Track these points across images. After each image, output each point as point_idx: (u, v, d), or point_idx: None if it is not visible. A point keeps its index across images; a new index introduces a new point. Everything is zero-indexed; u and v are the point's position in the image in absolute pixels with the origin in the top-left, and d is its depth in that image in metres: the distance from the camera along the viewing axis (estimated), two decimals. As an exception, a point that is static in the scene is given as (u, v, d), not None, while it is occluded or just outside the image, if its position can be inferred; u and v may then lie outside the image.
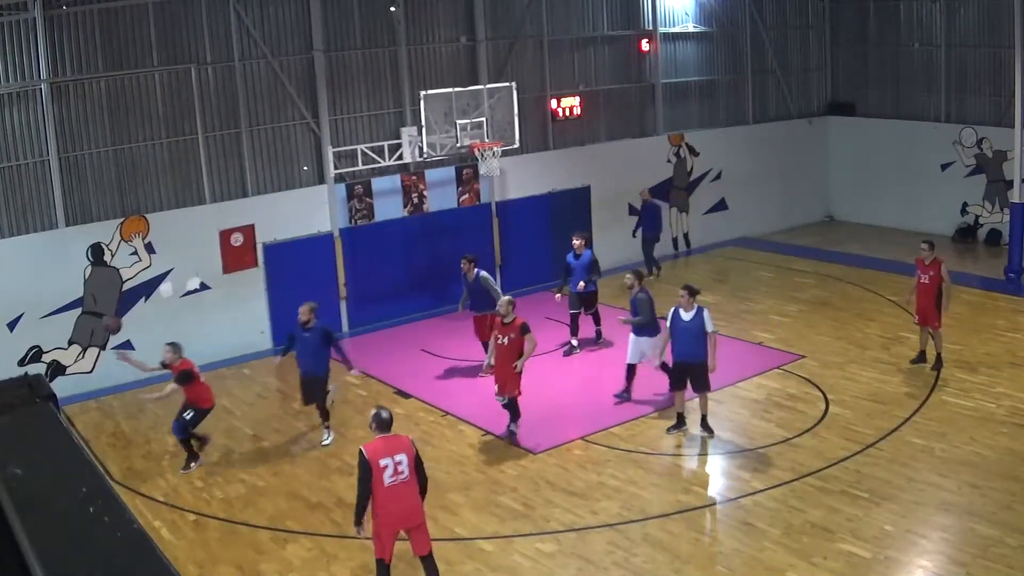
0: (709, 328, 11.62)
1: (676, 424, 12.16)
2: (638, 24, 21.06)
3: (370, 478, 8.03)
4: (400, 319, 17.93)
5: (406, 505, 8.20)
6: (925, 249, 13.77)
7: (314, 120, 17.14)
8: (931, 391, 13.04)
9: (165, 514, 10.91)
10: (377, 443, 8.21)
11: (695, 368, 11.69)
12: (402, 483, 8.11)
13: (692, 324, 11.65)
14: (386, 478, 8.04)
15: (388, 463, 8.06)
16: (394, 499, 8.10)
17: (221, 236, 16.28)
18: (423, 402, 13.89)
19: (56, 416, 2.74)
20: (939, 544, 9.28)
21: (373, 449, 8.13)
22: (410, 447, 8.24)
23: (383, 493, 8.08)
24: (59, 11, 14.59)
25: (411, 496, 8.22)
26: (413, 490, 8.23)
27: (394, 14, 17.56)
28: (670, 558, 9.33)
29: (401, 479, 8.10)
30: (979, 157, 21.24)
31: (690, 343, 11.65)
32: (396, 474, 8.07)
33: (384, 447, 8.14)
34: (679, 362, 11.87)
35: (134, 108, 15.52)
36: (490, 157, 16.88)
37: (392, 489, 8.07)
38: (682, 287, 11.98)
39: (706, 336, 11.61)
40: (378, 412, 8.41)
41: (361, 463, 8.10)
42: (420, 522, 8.38)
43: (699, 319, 11.64)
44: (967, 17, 21.29)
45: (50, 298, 14.76)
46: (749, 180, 22.67)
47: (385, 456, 8.07)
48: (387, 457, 8.07)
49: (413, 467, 8.18)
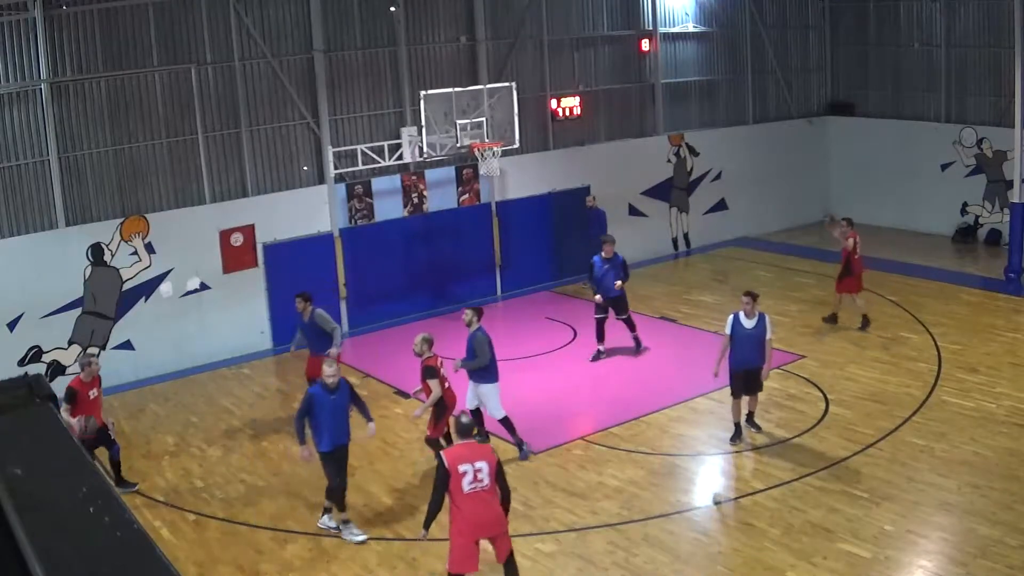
0: (769, 335, 11.50)
1: (735, 434, 11.77)
2: (638, 24, 21.06)
3: (447, 484, 7.98)
4: (400, 319, 17.93)
5: (486, 513, 8.09)
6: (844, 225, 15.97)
7: (314, 120, 17.14)
8: (931, 391, 13.04)
9: (165, 514, 10.91)
10: (458, 449, 8.25)
11: (755, 374, 11.57)
12: (482, 491, 8.02)
13: (756, 331, 11.44)
14: (465, 485, 7.97)
15: (468, 469, 7.99)
16: (473, 506, 8.00)
17: (221, 236, 16.28)
18: (423, 402, 13.85)
19: (56, 416, 2.74)
20: (939, 544, 9.27)
21: (453, 455, 8.11)
22: (491, 455, 8.20)
23: (462, 500, 8.00)
24: (59, 11, 14.59)
25: (492, 504, 8.13)
26: (494, 498, 8.14)
27: (394, 14, 17.56)
28: (670, 558, 9.33)
29: (481, 487, 8.01)
30: (979, 157, 21.23)
31: (753, 350, 11.45)
32: (475, 481, 7.99)
33: (465, 453, 8.11)
34: (741, 370, 11.56)
35: (134, 108, 15.53)
36: (490, 157, 16.88)
37: (471, 496, 7.99)
38: (744, 293, 11.71)
39: (765, 342, 11.47)
40: (458, 418, 8.55)
41: (439, 468, 8.04)
42: (501, 531, 8.26)
43: (762, 326, 11.46)
44: (967, 17, 21.29)
45: (50, 298, 14.77)
46: (749, 180, 22.67)
47: (465, 463, 8.00)
48: (467, 464, 8.00)
49: (494, 475, 8.09)
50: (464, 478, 7.95)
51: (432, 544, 9.84)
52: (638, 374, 14.63)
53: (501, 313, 18.26)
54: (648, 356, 15.40)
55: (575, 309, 18.01)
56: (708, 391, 13.29)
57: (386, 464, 11.99)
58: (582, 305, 18.53)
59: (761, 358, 11.50)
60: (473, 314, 11.85)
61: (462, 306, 14.29)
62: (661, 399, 13.30)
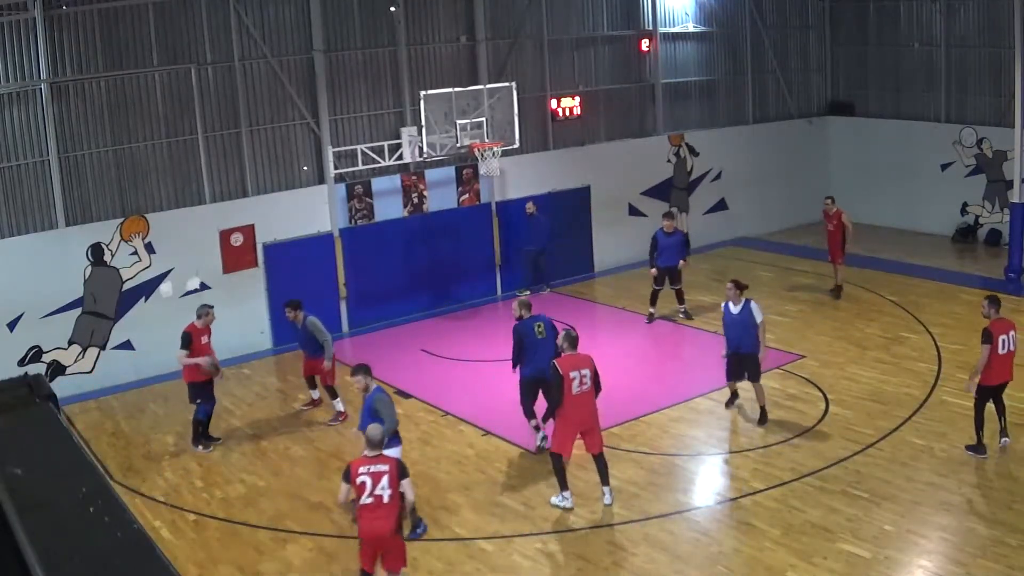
0: (758, 319, 12.09)
1: (731, 399, 12.77)
2: (638, 24, 21.06)
3: (562, 387, 9.75)
4: (400, 319, 17.93)
5: (587, 411, 9.97)
6: (828, 203, 17.36)
7: (314, 120, 17.14)
8: (931, 391, 13.04)
9: (165, 514, 10.91)
10: (567, 359, 9.91)
11: (748, 359, 12.14)
12: (585, 392, 9.86)
13: (741, 317, 12.16)
14: (574, 388, 9.78)
15: (576, 376, 9.78)
16: (579, 406, 9.84)
17: (221, 236, 16.28)
18: (423, 402, 13.89)
19: (56, 416, 2.74)
20: (939, 544, 9.28)
21: (564, 363, 9.84)
22: (591, 363, 9.95)
23: (570, 401, 9.79)
24: (59, 11, 14.59)
25: (591, 403, 9.98)
26: (592, 399, 9.98)
27: (394, 14, 17.56)
28: (670, 558, 9.33)
29: (584, 389, 9.84)
30: (979, 157, 21.23)
31: (741, 335, 12.17)
32: (581, 385, 9.80)
33: (573, 362, 9.88)
34: (733, 353, 12.36)
35: (134, 108, 15.52)
36: (490, 157, 16.89)
37: (578, 397, 9.81)
38: (729, 281, 12.56)
39: (755, 327, 12.05)
40: (568, 332, 10.18)
41: (555, 375, 9.82)
42: (596, 424, 10.09)
43: (747, 311, 12.13)
44: (967, 17, 21.29)
45: (50, 298, 14.76)
46: (749, 180, 22.67)
47: (574, 370, 9.79)
48: (575, 371, 9.80)
49: (593, 380, 9.91)
50: (573, 383, 9.73)
51: (432, 544, 9.87)
52: (638, 374, 14.63)
53: (501, 313, 18.26)
54: (648, 356, 15.40)
55: (575, 309, 18.02)
56: (708, 391, 13.31)
57: (386, 464, 11.97)
58: (582, 305, 18.56)
59: (752, 343, 12.06)
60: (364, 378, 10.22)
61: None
62: (661, 399, 13.30)
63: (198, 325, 12.59)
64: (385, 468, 8.06)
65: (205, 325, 12.65)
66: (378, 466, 8.06)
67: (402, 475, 8.11)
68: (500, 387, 14.33)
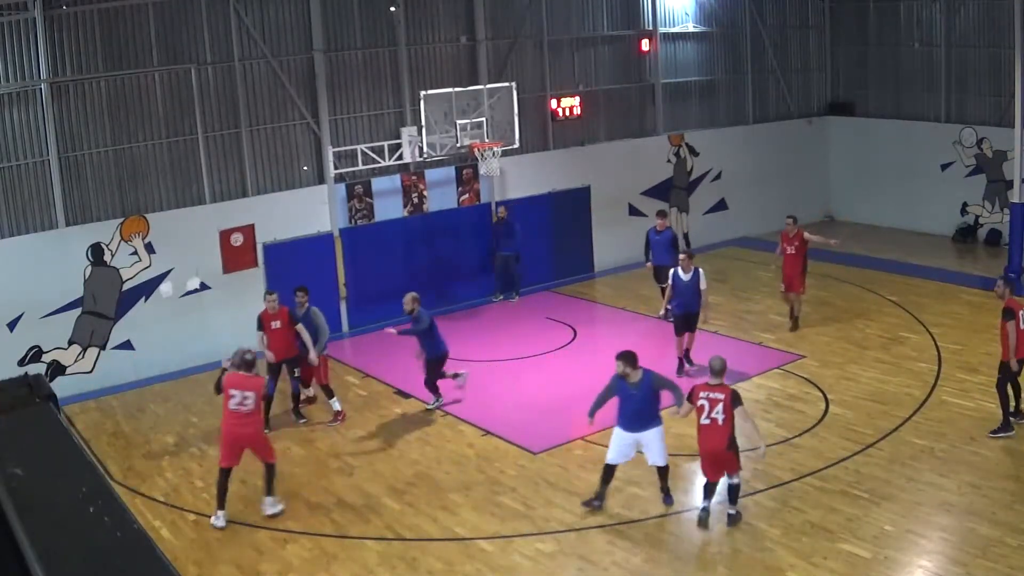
0: (703, 285, 13.97)
1: (679, 367, 14.06)
2: (638, 24, 21.06)
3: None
4: (400, 319, 17.89)
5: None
6: (790, 223, 15.97)
7: (314, 120, 17.14)
8: (931, 391, 13.04)
9: (165, 514, 10.90)
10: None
11: (693, 316, 14.08)
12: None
13: (691, 282, 13.99)
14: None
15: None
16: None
17: (221, 236, 16.28)
18: (423, 402, 13.88)
19: (56, 416, 2.74)
20: (939, 544, 9.28)
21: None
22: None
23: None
24: (59, 11, 14.59)
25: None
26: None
27: (394, 14, 17.56)
28: (670, 558, 9.33)
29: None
30: (979, 157, 21.23)
31: (690, 298, 14.00)
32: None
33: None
34: (682, 313, 14.08)
35: (134, 108, 15.52)
36: (490, 157, 16.89)
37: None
38: (681, 251, 14.70)
39: (700, 292, 13.93)
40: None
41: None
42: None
43: (696, 278, 13.98)
44: (967, 17, 21.29)
45: (50, 298, 14.76)
46: (749, 180, 22.67)
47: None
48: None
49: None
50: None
51: (432, 544, 9.87)
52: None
53: (501, 313, 18.27)
54: (648, 356, 15.34)
55: (575, 309, 18.02)
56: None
57: (386, 464, 11.98)
58: (582, 305, 18.56)
59: (698, 304, 14.01)
60: (624, 364, 10.43)
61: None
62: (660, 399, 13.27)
63: (268, 310, 13.10)
64: (722, 396, 9.43)
65: (273, 310, 13.05)
66: (716, 393, 9.46)
67: (735, 403, 9.41)
68: (500, 387, 14.36)
